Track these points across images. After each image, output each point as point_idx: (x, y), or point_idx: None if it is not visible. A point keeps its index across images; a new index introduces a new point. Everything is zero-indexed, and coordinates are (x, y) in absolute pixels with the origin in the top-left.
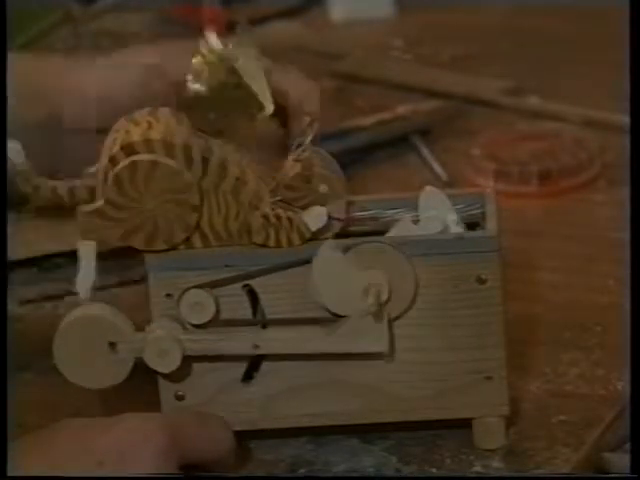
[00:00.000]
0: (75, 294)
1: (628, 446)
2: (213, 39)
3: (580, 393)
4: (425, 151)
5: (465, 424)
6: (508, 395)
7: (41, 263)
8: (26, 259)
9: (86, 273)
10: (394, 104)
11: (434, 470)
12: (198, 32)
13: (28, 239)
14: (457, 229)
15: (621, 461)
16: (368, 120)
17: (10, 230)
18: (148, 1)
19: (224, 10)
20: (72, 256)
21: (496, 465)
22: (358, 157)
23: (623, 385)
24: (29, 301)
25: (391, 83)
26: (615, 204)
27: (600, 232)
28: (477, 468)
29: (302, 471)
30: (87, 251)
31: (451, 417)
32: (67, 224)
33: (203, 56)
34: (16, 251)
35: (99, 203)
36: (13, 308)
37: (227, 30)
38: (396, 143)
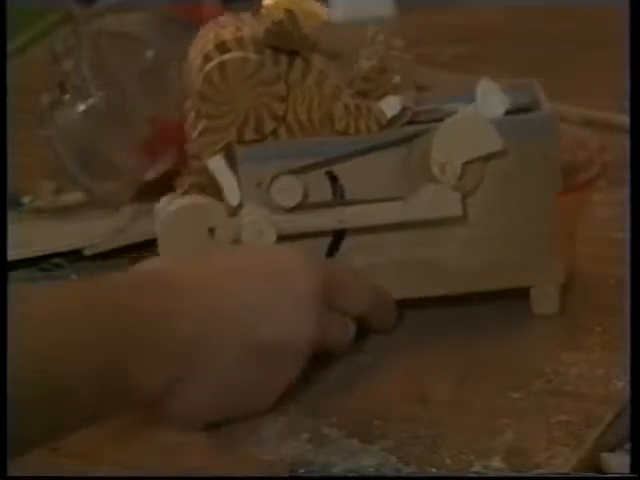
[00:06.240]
0: None
1: (628, 446)
2: None
3: (580, 393)
4: None
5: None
6: (563, 265)
7: (41, 263)
8: (26, 259)
9: (228, 183)
10: None
11: (434, 470)
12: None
13: (28, 239)
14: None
15: (621, 461)
16: None
17: (10, 230)
18: (148, 1)
19: (224, 9)
20: (72, 256)
21: (496, 465)
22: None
23: (623, 385)
24: None
25: None
26: (615, 204)
27: (600, 232)
28: (477, 468)
29: (302, 471)
30: (216, 166)
31: (512, 286)
32: (67, 224)
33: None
34: (16, 251)
35: (200, 126)
36: None
37: None
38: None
